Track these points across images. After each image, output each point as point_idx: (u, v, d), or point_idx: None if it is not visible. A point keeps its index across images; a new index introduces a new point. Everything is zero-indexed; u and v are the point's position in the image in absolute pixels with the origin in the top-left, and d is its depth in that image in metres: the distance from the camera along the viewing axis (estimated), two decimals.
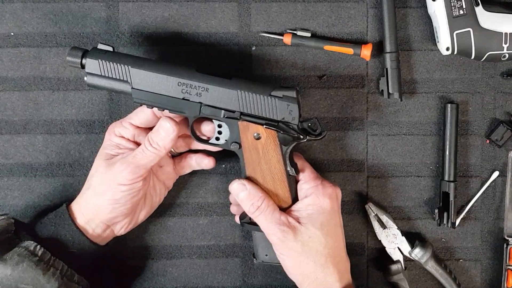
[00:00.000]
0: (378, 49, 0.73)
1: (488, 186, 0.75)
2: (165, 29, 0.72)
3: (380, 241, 0.74)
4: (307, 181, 0.66)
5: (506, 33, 0.69)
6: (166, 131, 0.63)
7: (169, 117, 0.64)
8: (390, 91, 0.72)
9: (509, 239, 0.75)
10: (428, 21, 0.73)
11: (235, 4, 0.72)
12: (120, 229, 0.68)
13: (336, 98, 0.74)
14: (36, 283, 0.60)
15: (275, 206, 0.65)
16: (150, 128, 0.66)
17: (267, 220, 0.63)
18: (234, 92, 0.63)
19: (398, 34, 0.72)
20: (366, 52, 0.71)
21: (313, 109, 0.74)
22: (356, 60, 0.73)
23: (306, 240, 0.63)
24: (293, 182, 0.66)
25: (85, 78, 0.63)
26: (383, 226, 0.74)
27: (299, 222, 0.64)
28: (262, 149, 0.64)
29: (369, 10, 0.73)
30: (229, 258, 0.75)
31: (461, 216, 0.75)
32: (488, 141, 0.75)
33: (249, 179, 0.65)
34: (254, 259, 0.69)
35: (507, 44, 0.69)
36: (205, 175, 0.74)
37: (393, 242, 0.74)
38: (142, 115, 0.66)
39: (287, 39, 0.71)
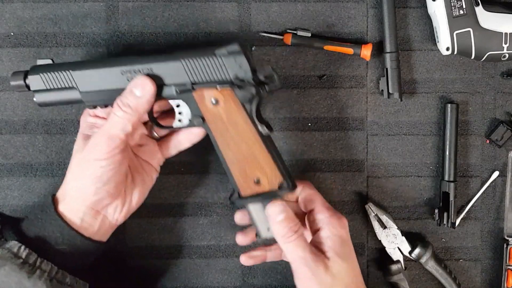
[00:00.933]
0: (378, 49, 0.73)
1: (488, 186, 0.75)
2: (165, 29, 0.72)
3: (380, 241, 0.74)
4: (321, 211, 0.64)
5: (506, 33, 0.69)
6: (142, 90, 0.59)
7: (146, 75, 0.60)
8: (390, 91, 0.72)
9: (509, 239, 0.75)
10: (428, 21, 0.73)
11: (235, 4, 0.72)
12: (114, 214, 0.63)
13: (336, 98, 0.74)
14: (20, 287, 0.56)
15: (306, 237, 0.62)
16: None
17: (302, 248, 0.60)
18: (178, 63, 0.60)
19: (398, 34, 0.72)
20: (366, 52, 0.71)
21: (313, 109, 0.74)
22: (356, 60, 0.73)
23: (335, 274, 0.60)
24: (270, 143, 0.63)
25: (34, 99, 0.63)
26: (383, 226, 0.74)
27: (326, 256, 0.61)
28: (225, 114, 0.61)
29: (369, 10, 0.73)
30: (229, 258, 0.75)
31: (461, 216, 0.75)
32: (488, 141, 0.75)
33: (224, 152, 0.62)
34: (257, 237, 0.64)
35: (507, 44, 0.69)
36: (205, 175, 0.74)
37: (393, 242, 0.74)
38: None
39: (287, 39, 0.71)
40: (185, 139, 0.66)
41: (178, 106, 0.63)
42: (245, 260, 0.69)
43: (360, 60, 0.73)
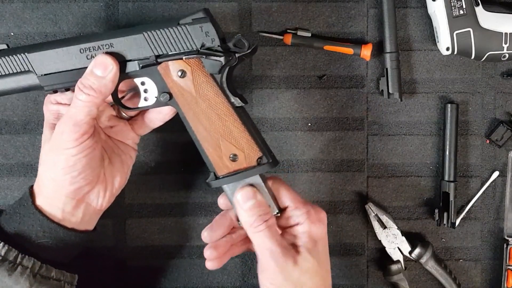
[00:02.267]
0: (378, 49, 0.73)
1: (488, 186, 0.75)
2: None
3: (380, 241, 0.74)
4: (297, 207, 0.59)
5: (506, 33, 0.69)
6: (103, 69, 0.56)
7: (106, 53, 0.56)
8: (390, 91, 0.72)
9: (509, 239, 0.75)
10: (428, 21, 0.73)
11: (235, 4, 0.72)
12: (98, 200, 0.60)
13: (336, 98, 0.74)
14: (1, 286, 0.54)
15: (277, 228, 0.58)
16: None
17: (270, 239, 0.56)
18: (140, 36, 0.57)
19: (398, 34, 0.72)
20: (366, 52, 0.71)
21: (313, 109, 0.74)
22: (356, 60, 0.73)
23: (304, 270, 0.57)
24: (243, 115, 0.59)
25: None
26: (383, 226, 0.74)
27: (297, 250, 0.58)
28: (193, 87, 0.57)
29: (369, 10, 0.73)
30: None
31: (461, 216, 0.75)
32: (488, 141, 0.75)
33: (195, 127, 0.58)
34: (238, 223, 0.60)
35: (507, 44, 0.69)
36: (205, 175, 0.74)
37: (393, 242, 0.74)
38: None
39: (287, 39, 0.71)
40: (155, 118, 0.63)
41: (143, 84, 0.60)
42: (210, 253, 0.61)
43: (360, 60, 0.73)
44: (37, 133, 0.72)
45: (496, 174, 0.75)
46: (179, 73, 0.58)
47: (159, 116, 0.63)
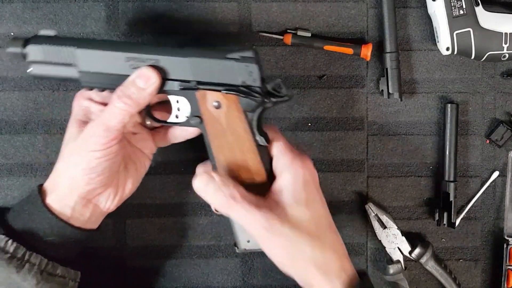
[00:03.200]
0: (378, 49, 0.73)
1: (488, 186, 0.75)
2: (165, 29, 0.72)
3: (380, 241, 0.74)
4: (283, 155, 0.58)
5: (506, 33, 0.69)
6: (145, 82, 0.57)
7: (152, 67, 0.58)
8: (390, 91, 0.72)
9: (509, 239, 0.75)
10: (428, 21, 0.73)
11: (235, 4, 0.72)
12: (106, 202, 0.61)
13: (336, 98, 0.74)
14: (10, 282, 0.55)
15: (248, 194, 0.57)
16: None
17: (249, 211, 0.55)
18: (186, 60, 0.58)
19: (398, 34, 0.72)
20: (366, 52, 0.71)
21: (313, 109, 0.74)
22: (356, 60, 0.73)
23: (294, 222, 0.55)
24: (264, 153, 0.60)
25: (29, 70, 0.59)
26: (383, 226, 0.74)
27: (282, 204, 0.56)
28: (225, 119, 0.59)
29: (369, 10, 0.73)
30: (229, 258, 0.75)
31: (461, 216, 0.75)
32: (488, 141, 0.75)
33: (216, 154, 0.60)
34: (236, 248, 0.63)
35: (507, 44, 0.69)
36: None
37: (393, 242, 0.74)
38: None
39: (287, 39, 0.71)
40: (180, 135, 0.64)
41: (177, 102, 0.61)
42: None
43: (360, 60, 0.73)
44: (37, 133, 0.72)
45: (496, 174, 0.75)
46: (215, 104, 0.59)
47: (183, 134, 0.64)
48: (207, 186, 0.57)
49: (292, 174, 0.57)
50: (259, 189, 0.59)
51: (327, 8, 0.72)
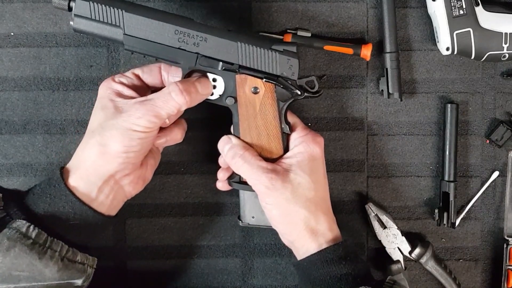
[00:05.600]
0: (378, 49, 0.73)
1: (488, 186, 0.75)
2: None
3: (380, 241, 0.74)
4: (297, 132, 0.65)
5: (506, 33, 0.69)
6: (205, 89, 0.61)
7: (210, 81, 0.62)
8: (390, 91, 0.72)
9: (509, 239, 0.75)
10: (428, 21, 0.73)
11: (235, 4, 0.72)
12: (129, 186, 0.62)
13: (336, 98, 0.74)
14: (32, 269, 0.54)
15: (259, 157, 0.63)
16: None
17: (252, 168, 0.61)
18: (234, 44, 0.61)
19: (398, 34, 0.72)
20: (366, 52, 0.71)
21: (313, 109, 0.74)
22: (356, 60, 0.73)
23: (296, 186, 0.61)
24: (285, 140, 0.65)
25: (71, 23, 0.59)
26: (383, 226, 0.74)
27: (287, 169, 0.62)
28: (259, 104, 0.63)
29: (369, 10, 0.73)
30: (229, 258, 0.75)
31: (461, 216, 0.75)
32: (488, 141, 0.75)
33: (243, 135, 0.64)
34: (240, 221, 0.67)
35: (507, 44, 0.69)
36: (205, 175, 0.74)
37: (393, 242, 0.74)
38: (148, 70, 0.64)
39: (287, 39, 0.71)
40: (173, 138, 0.66)
41: (214, 80, 0.63)
42: (223, 175, 0.67)
43: (360, 60, 0.73)
44: (37, 133, 0.72)
45: (496, 174, 0.75)
46: (253, 89, 0.63)
47: (177, 138, 0.66)
48: (225, 145, 0.64)
49: (302, 148, 0.63)
50: (274, 161, 0.64)
51: (327, 8, 0.72)
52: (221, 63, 0.62)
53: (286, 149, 0.65)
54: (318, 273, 0.60)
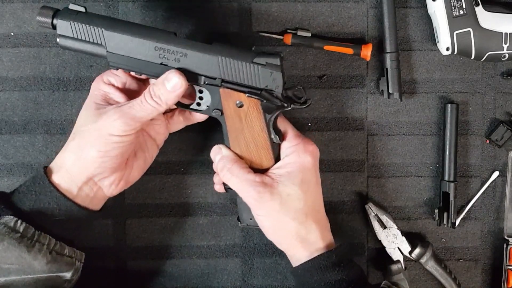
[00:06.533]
0: (378, 49, 0.73)
1: (488, 186, 0.75)
2: (165, 29, 0.72)
3: (380, 241, 0.74)
4: (289, 140, 0.64)
5: (506, 33, 0.69)
6: (173, 86, 0.59)
7: (178, 70, 0.60)
8: (390, 91, 0.72)
9: (509, 239, 0.75)
10: (428, 21, 0.73)
11: (235, 4, 0.72)
12: (110, 187, 0.62)
13: (336, 98, 0.74)
14: (21, 261, 0.56)
15: (248, 169, 0.63)
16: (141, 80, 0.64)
17: (240, 181, 0.61)
18: (215, 59, 0.60)
19: (398, 34, 0.72)
20: (366, 52, 0.71)
21: (313, 109, 0.74)
22: (356, 60, 0.73)
23: (285, 198, 0.61)
24: (277, 149, 0.64)
25: (58, 40, 0.61)
26: (383, 226, 0.74)
27: (277, 181, 0.62)
28: (245, 117, 0.62)
29: (369, 10, 0.73)
30: (229, 258, 0.75)
31: (461, 216, 0.75)
32: (488, 141, 0.75)
33: (233, 146, 0.64)
34: (239, 222, 0.68)
35: (507, 44, 0.69)
36: (205, 175, 0.74)
37: (393, 242, 0.74)
38: None
39: (287, 39, 0.71)
40: (195, 117, 0.67)
41: (200, 92, 0.63)
42: (219, 179, 0.67)
43: (360, 60, 0.73)
44: (37, 133, 0.72)
45: (496, 174, 0.75)
46: (237, 103, 0.62)
47: (198, 117, 0.67)
48: (216, 156, 0.64)
49: (293, 158, 0.63)
50: (265, 171, 0.64)
51: (327, 8, 0.72)
52: (203, 77, 0.61)
53: (277, 158, 0.64)
54: (313, 279, 0.61)
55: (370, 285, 0.64)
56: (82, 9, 0.60)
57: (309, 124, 0.74)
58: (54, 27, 0.60)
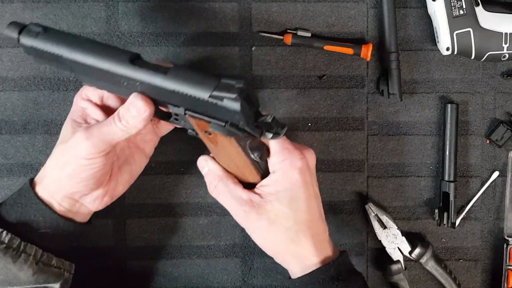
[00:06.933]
0: (378, 49, 0.73)
1: (488, 186, 0.75)
2: (165, 29, 0.72)
3: (380, 241, 0.74)
4: (275, 154, 0.59)
5: (506, 33, 0.69)
6: (138, 111, 0.56)
7: (142, 94, 0.56)
8: (390, 91, 0.72)
9: (509, 239, 0.75)
10: (428, 21, 0.73)
11: (235, 4, 0.72)
12: (94, 203, 0.61)
13: (336, 98, 0.74)
14: (6, 272, 0.55)
15: (235, 185, 0.60)
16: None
17: (227, 200, 0.60)
18: (171, 91, 0.54)
19: (398, 34, 0.72)
20: (366, 52, 0.71)
21: (313, 109, 0.74)
22: (356, 60, 0.73)
23: (273, 218, 0.58)
24: (263, 165, 0.60)
25: (27, 54, 0.58)
26: (383, 226, 0.74)
27: (265, 199, 0.59)
28: (217, 143, 0.58)
29: (369, 10, 0.73)
30: (229, 258, 0.75)
31: (461, 216, 0.75)
32: (488, 141, 0.75)
33: (217, 159, 0.61)
34: None
35: (507, 44, 0.69)
36: None
37: (393, 242, 0.74)
38: None
39: (287, 39, 0.71)
40: None
41: (173, 110, 0.58)
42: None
43: (360, 60, 0.73)
44: (37, 133, 0.72)
45: (496, 174, 0.75)
46: (205, 131, 0.57)
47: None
48: (203, 168, 0.63)
49: (280, 176, 0.59)
50: (252, 185, 0.61)
51: (327, 8, 0.72)
52: (168, 104, 0.57)
53: (266, 171, 0.60)
54: None
55: None
56: (40, 30, 0.56)
57: (309, 124, 0.74)
58: (21, 45, 0.57)
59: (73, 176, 0.58)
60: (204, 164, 0.62)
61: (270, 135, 0.56)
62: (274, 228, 0.59)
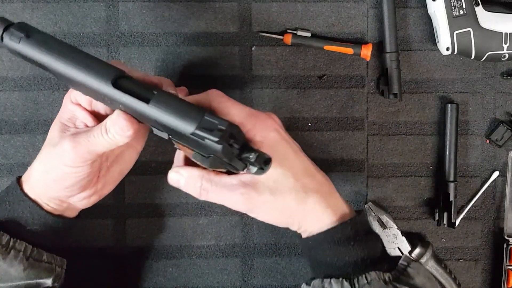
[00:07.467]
0: (378, 49, 0.73)
1: (488, 186, 0.75)
2: (165, 29, 0.72)
3: None
4: (242, 124, 0.55)
5: (506, 33, 0.69)
6: (121, 129, 0.54)
7: (126, 113, 0.54)
8: (390, 91, 0.72)
9: (509, 239, 0.75)
10: (428, 21, 0.73)
11: (235, 4, 0.72)
12: (81, 201, 0.60)
13: (336, 98, 0.74)
14: None
15: (219, 176, 0.56)
16: None
17: (219, 194, 0.56)
18: (153, 121, 0.51)
19: (398, 34, 0.72)
20: (366, 52, 0.71)
21: (313, 109, 0.74)
22: (356, 60, 0.73)
23: (272, 185, 0.55)
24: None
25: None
26: (383, 226, 0.74)
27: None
28: (206, 169, 0.56)
29: (369, 10, 0.73)
30: (229, 258, 0.75)
31: (461, 216, 0.75)
32: (488, 141, 0.75)
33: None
34: None
35: (507, 44, 0.69)
36: None
37: (393, 242, 0.74)
38: None
39: (287, 39, 0.71)
40: None
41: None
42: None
43: (360, 60, 0.73)
44: (37, 133, 0.72)
45: (496, 174, 0.75)
46: (189, 155, 0.55)
47: None
48: (178, 183, 0.58)
49: (259, 140, 0.56)
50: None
51: (327, 8, 0.72)
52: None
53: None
54: (325, 254, 0.57)
55: (388, 258, 0.59)
56: (22, 35, 0.52)
57: (309, 124, 0.74)
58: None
59: (58, 182, 0.57)
60: (178, 177, 0.58)
61: (254, 169, 0.52)
62: (278, 194, 0.55)
